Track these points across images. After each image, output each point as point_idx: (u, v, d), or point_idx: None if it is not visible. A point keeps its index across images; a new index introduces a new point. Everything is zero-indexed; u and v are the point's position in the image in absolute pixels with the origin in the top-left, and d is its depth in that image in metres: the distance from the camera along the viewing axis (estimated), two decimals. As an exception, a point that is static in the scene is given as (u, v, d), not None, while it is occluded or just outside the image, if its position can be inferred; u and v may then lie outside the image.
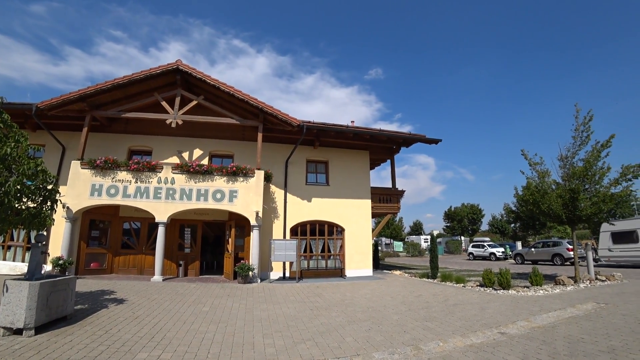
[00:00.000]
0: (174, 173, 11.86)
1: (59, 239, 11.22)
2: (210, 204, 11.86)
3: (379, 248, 33.04)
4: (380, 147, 15.86)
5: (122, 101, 12.89)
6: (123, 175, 11.61)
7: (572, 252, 17.97)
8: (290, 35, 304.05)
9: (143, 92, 12.92)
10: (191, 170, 11.83)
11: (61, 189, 8.94)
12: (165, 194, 11.66)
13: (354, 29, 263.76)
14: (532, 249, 23.93)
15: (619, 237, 18.47)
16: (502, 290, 9.68)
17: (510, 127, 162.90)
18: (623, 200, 11.52)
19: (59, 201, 6.33)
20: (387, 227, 53.14)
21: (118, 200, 11.49)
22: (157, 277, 11.17)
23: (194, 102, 12.69)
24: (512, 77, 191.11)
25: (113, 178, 11.53)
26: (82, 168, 11.47)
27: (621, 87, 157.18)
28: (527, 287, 10.07)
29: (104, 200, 11.40)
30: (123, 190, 11.50)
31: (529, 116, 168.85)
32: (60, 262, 10.33)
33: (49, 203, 6.07)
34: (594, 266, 13.78)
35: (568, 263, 20.54)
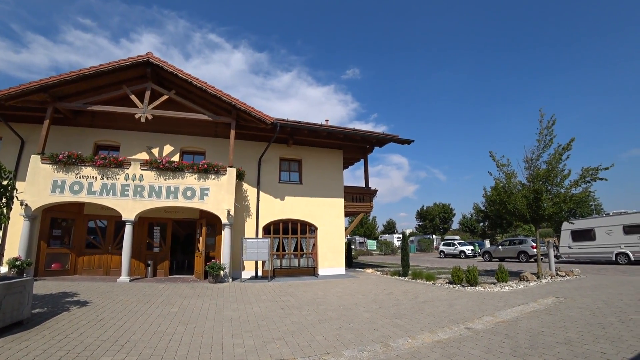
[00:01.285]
0: (142, 169, 11.45)
1: (16, 239, 10.56)
2: (181, 202, 11.55)
3: (353, 246, 33.37)
4: (354, 146, 15.99)
5: (89, 93, 12.30)
6: (88, 171, 11.08)
7: (536, 250, 18.88)
8: (267, 32, 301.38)
9: (111, 85, 12.40)
10: (161, 166, 11.46)
11: (19, 185, 8.43)
12: (133, 191, 11.24)
13: (333, 28, 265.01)
14: (500, 247, 24.93)
15: (578, 235, 19.55)
16: (469, 287, 10.00)
17: (481, 129, 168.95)
18: (582, 201, 12.19)
19: (15, 198, 5.96)
20: (360, 225, 53.80)
21: (82, 198, 10.96)
22: (123, 277, 10.75)
23: (165, 97, 12.31)
24: (484, 79, 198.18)
25: (77, 174, 10.99)
26: (42, 163, 10.85)
27: (591, 86, 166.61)
28: (494, 284, 10.45)
29: (67, 197, 10.83)
30: (88, 187, 10.98)
31: (499, 117, 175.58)
32: (18, 263, 9.71)
33: (4, 200, 5.70)
34: (555, 262, 14.54)
35: (532, 260, 21.54)
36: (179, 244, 17.14)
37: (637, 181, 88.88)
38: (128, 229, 11.07)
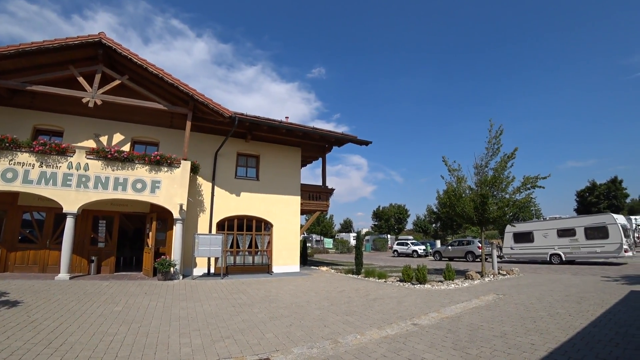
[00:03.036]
0: (88, 158, 10.68)
1: None
2: (130, 195, 10.93)
3: (309, 245, 33.48)
4: (312, 144, 16.06)
5: (30, 71, 11.28)
6: (25, 157, 10.13)
7: (481, 250, 20.21)
8: (233, 24, 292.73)
9: (56, 64, 11.42)
10: (109, 156, 10.76)
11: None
12: (76, 181, 10.45)
13: (301, 26, 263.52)
14: (449, 247, 26.33)
15: (519, 238, 21.17)
16: (419, 285, 10.45)
17: (439, 133, 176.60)
18: (524, 206, 13.20)
19: None
20: (317, 224, 54.19)
21: (16, 187, 9.99)
22: (62, 275, 9.98)
23: (117, 82, 11.58)
24: (447, 83, 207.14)
25: (11, 160, 10.01)
26: (-31, 146, 9.77)
27: (535, 108, 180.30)
28: (441, 282, 11.01)
29: (-2, 185, 9.84)
30: (24, 175, 10.04)
31: (457, 121, 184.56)
32: None
33: None
34: (498, 262, 15.64)
35: (478, 260, 22.95)
36: (127, 239, 16.23)
37: (572, 189, 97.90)
38: (69, 222, 10.28)
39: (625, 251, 16.29)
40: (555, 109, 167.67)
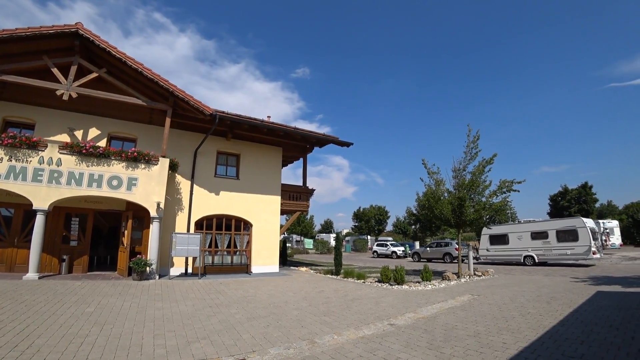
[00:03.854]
0: (61, 153, 10.30)
1: None
2: (105, 192, 10.61)
3: (289, 245, 33.40)
4: (294, 144, 16.03)
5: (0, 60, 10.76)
6: (-8, 151, 9.69)
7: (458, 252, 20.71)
8: (218, 20, 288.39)
9: (29, 54, 10.97)
10: (84, 151, 10.42)
11: None
12: (48, 176, 10.06)
13: (286, 26, 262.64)
14: (428, 249, 26.80)
15: (495, 240, 21.78)
16: (397, 286, 10.59)
17: (420, 135, 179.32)
18: (500, 209, 13.59)
19: None
20: (298, 224, 54.14)
21: (-18, 181, 9.55)
22: (31, 274, 9.58)
23: (94, 75, 11.24)
24: (428, 86, 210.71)
25: (-23, 153, 9.55)
26: None
27: (514, 112, 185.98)
28: (419, 282, 11.19)
29: (-38, 179, 9.36)
30: (-9, 169, 9.59)
31: (437, 124, 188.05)
32: None
33: None
34: (474, 263, 16.04)
35: (456, 261, 23.46)
36: (102, 238, 15.75)
37: (545, 194, 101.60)
38: (39, 220, 9.89)
39: (593, 253, 17.04)
40: (533, 113, 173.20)
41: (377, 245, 36.29)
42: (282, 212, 16.20)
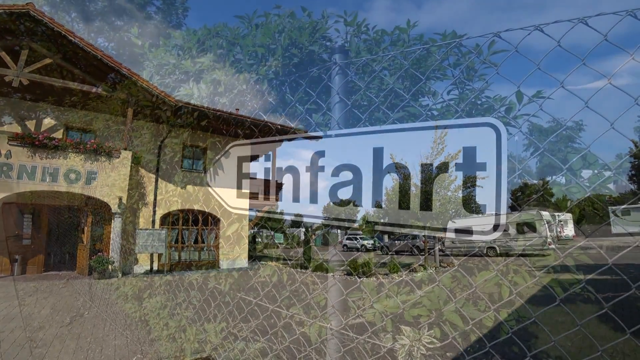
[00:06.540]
0: (11, 145, 9.57)
1: None
2: (62, 186, 10.01)
3: (259, 239, 33.05)
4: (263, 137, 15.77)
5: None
6: None
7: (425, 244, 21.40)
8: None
9: (-28, 36, 10.09)
10: (37, 143, 9.73)
11: None
12: (-4, 170, 9.35)
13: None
14: (396, 242, 27.44)
15: (460, 232, 22.63)
16: (364, 278, 10.76)
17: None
18: (466, 203, 14.13)
19: None
20: (268, 218, 53.31)
21: None
22: (-23, 273, 8.93)
23: (48, 60, 10.50)
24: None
25: None
26: None
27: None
28: (387, 275, 11.44)
29: None
30: None
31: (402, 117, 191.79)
32: None
33: None
34: (440, 255, 16.60)
35: (423, 253, 24.19)
36: (59, 236, 14.85)
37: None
38: (-13, 216, 9.21)
39: (549, 244, 18.16)
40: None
41: (347, 238, 36.76)
42: (251, 207, 15.99)
